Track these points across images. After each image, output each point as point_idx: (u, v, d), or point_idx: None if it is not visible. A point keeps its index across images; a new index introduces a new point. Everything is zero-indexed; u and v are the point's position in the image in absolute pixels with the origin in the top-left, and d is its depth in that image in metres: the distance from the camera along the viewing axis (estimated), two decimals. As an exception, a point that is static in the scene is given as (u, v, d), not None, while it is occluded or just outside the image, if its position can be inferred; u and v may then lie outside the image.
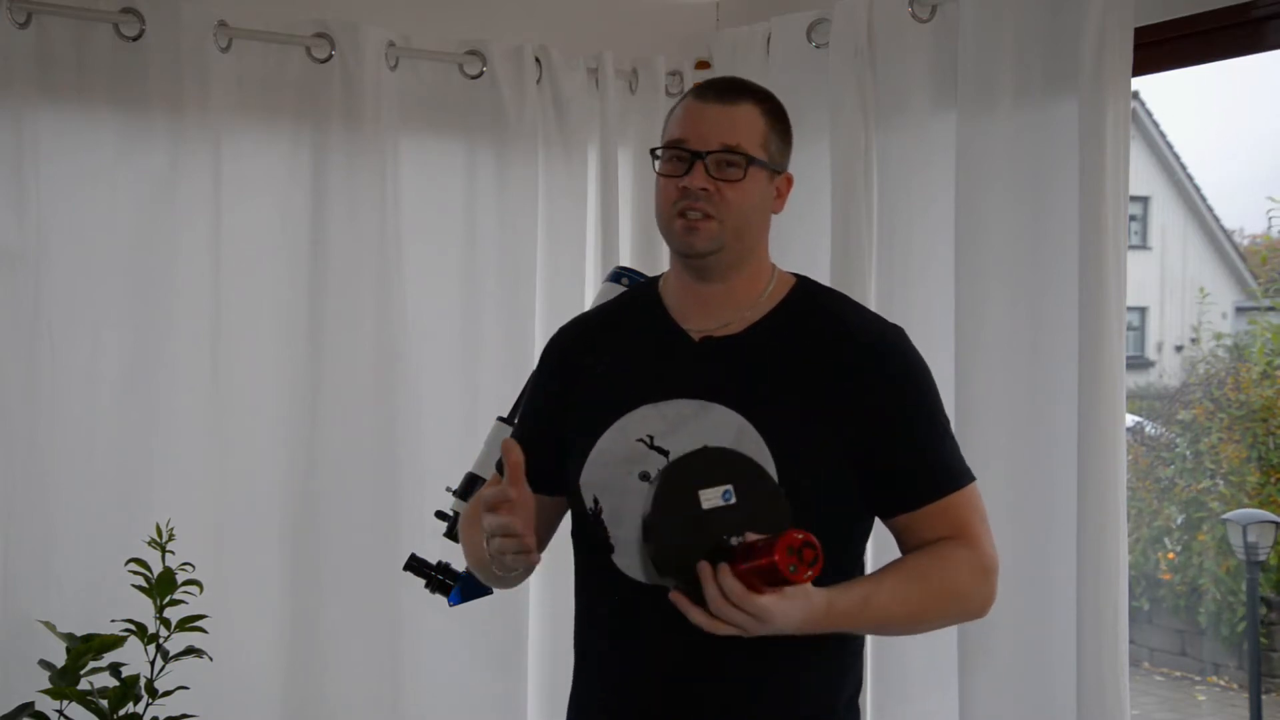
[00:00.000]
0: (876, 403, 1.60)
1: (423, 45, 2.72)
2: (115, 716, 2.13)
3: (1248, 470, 6.43)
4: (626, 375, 1.68)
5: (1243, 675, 6.19)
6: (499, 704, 2.76)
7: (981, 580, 1.62)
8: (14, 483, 2.31)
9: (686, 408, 1.60)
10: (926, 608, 1.60)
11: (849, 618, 1.53)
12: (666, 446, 1.59)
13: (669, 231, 1.64)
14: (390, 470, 2.65)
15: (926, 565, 1.59)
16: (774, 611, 1.40)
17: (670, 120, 1.67)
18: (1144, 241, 11.27)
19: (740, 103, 1.65)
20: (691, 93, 1.68)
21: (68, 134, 2.39)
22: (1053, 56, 2.30)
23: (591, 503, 1.64)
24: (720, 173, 1.60)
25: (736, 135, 1.61)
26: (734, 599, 1.39)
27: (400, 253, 2.67)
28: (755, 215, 1.65)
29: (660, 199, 1.65)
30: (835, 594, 1.49)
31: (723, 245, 1.62)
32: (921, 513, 1.61)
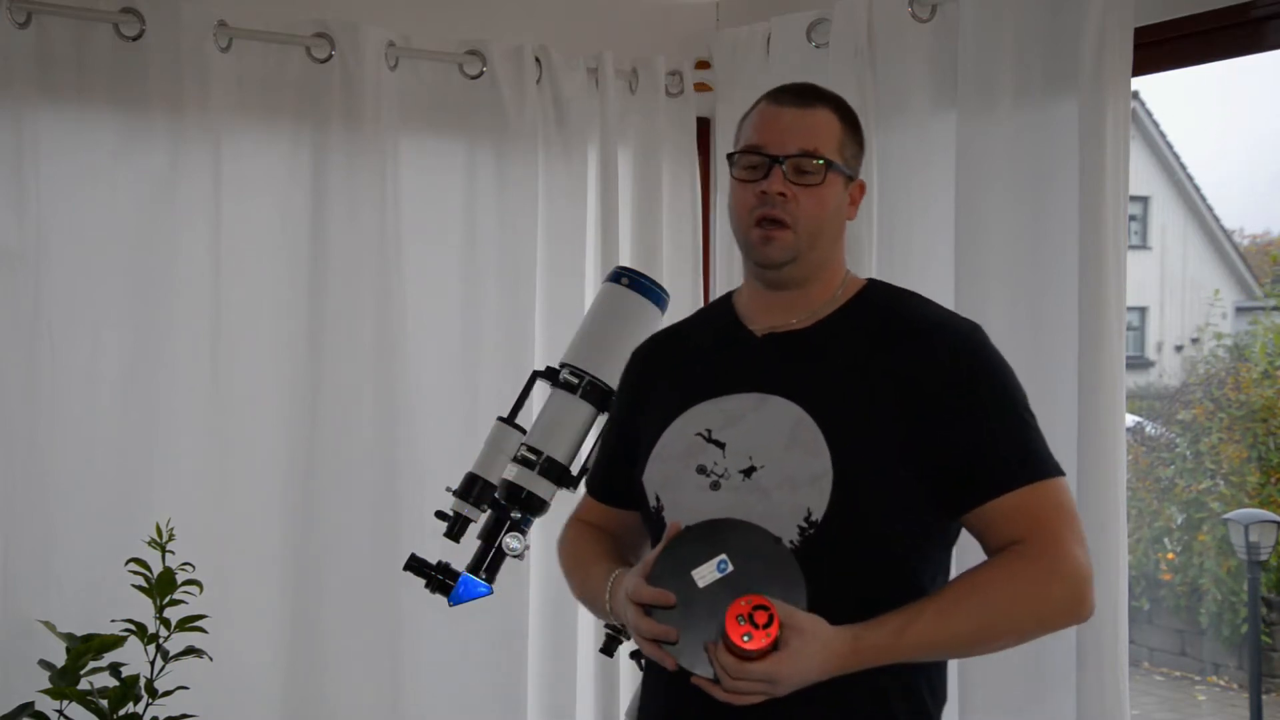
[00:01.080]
0: (941, 392, 1.54)
1: (423, 45, 2.72)
2: (115, 716, 2.13)
3: (1248, 470, 6.43)
4: (692, 373, 1.69)
5: (1243, 675, 6.19)
6: (499, 704, 2.76)
7: (1053, 585, 1.49)
8: (14, 483, 2.31)
9: (745, 401, 1.60)
10: (980, 626, 1.49)
11: (884, 651, 1.45)
12: (723, 439, 1.59)
13: (745, 241, 1.63)
14: (390, 470, 2.65)
15: (977, 580, 1.51)
16: (779, 672, 1.39)
17: (744, 126, 1.66)
18: (1144, 241, 11.27)
19: (817, 107, 1.63)
20: (766, 98, 1.67)
21: (68, 134, 2.39)
22: (1053, 56, 2.30)
23: (654, 500, 1.64)
24: (798, 178, 1.59)
25: (814, 139, 1.60)
26: (734, 674, 1.40)
27: (400, 253, 2.67)
28: (830, 222, 1.62)
29: (736, 205, 1.63)
30: (862, 629, 1.44)
31: (798, 255, 1.60)
32: (994, 508, 1.52)
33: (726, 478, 1.57)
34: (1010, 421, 1.56)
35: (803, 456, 1.53)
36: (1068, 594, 1.50)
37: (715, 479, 1.58)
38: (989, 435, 1.54)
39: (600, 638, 2.21)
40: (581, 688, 2.86)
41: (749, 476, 1.55)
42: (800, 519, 1.51)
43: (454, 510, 2.19)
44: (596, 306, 2.23)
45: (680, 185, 3.04)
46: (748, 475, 1.56)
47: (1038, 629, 1.55)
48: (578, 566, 1.80)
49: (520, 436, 2.19)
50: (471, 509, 2.18)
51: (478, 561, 2.17)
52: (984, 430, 1.54)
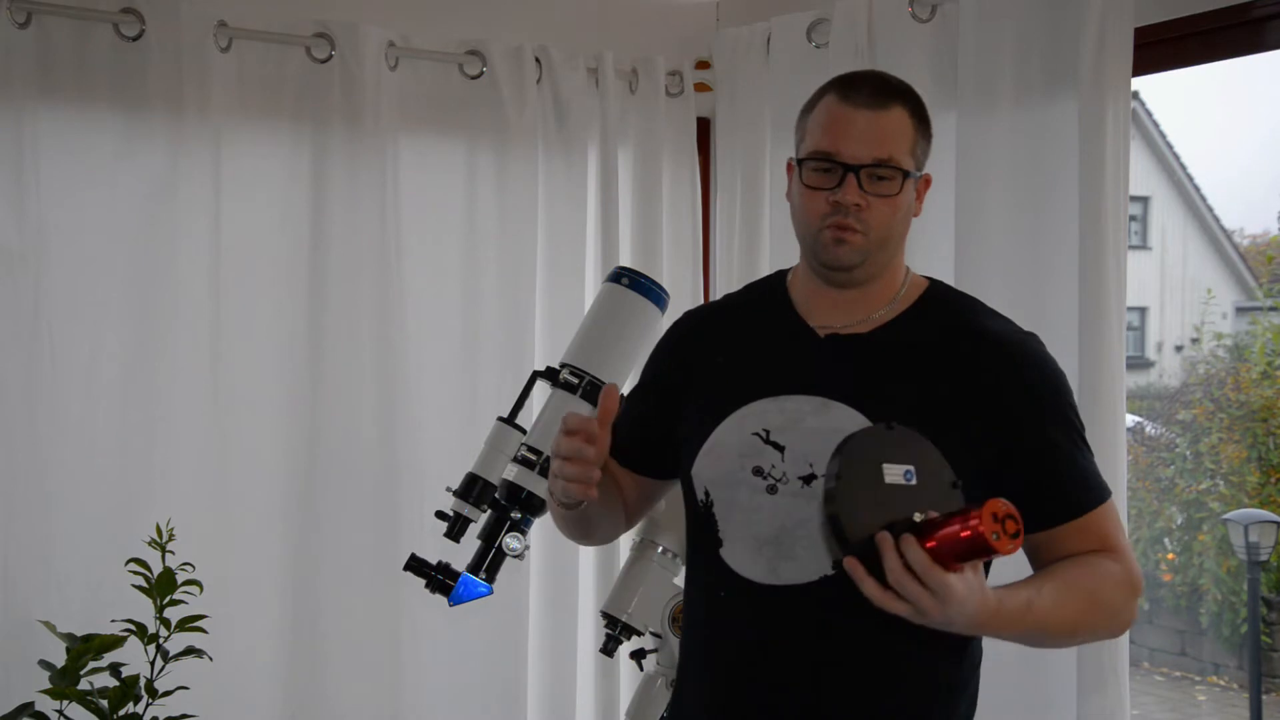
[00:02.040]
0: (1010, 411, 1.52)
1: (423, 45, 2.72)
2: (115, 716, 2.13)
3: (1248, 470, 6.43)
4: (747, 367, 1.63)
5: (1243, 675, 6.19)
6: (499, 704, 2.76)
7: (1130, 597, 1.52)
8: (14, 483, 2.31)
9: (806, 404, 1.55)
10: (1082, 620, 1.50)
11: (1012, 621, 1.41)
12: (783, 442, 1.54)
13: (815, 244, 1.57)
14: (390, 470, 2.65)
15: (1083, 575, 1.49)
16: (957, 590, 1.29)
17: (811, 125, 1.58)
18: (1144, 241, 11.27)
19: (891, 108, 1.55)
20: (835, 94, 1.58)
21: (68, 134, 2.39)
22: (1053, 56, 2.30)
23: (703, 494, 1.60)
24: (872, 186, 1.53)
25: (888, 146, 1.53)
26: (919, 570, 1.28)
27: (400, 253, 2.67)
28: (901, 224, 1.58)
29: (805, 211, 1.57)
30: (1003, 594, 1.40)
31: (868, 258, 1.56)
32: (1061, 530, 1.52)
33: (785, 482, 1.53)
34: (1078, 446, 1.56)
35: None
36: (1134, 609, 1.55)
37: (773, 483, 1.54)
38: (1059, 462, 1.53)
39: (600, 638, 2.21)
40: (581, 688, 2.86)
41: (808, 484, 1.52)
42: None
43: (454, 510, 2.19)
44: (596, 306, 2.23)
45: (680, 185, 3.04)
46: (807, 482, 1.52)
47: (1105, 634, 1.59)
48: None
49: (520, 436, 2.19)
50: (471, 509, 2.18)
51: (478, 561, 2.17)
52: (1054, 456, 1.53)
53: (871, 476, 1.37)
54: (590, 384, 2.12)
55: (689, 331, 1.75)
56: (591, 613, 2.76)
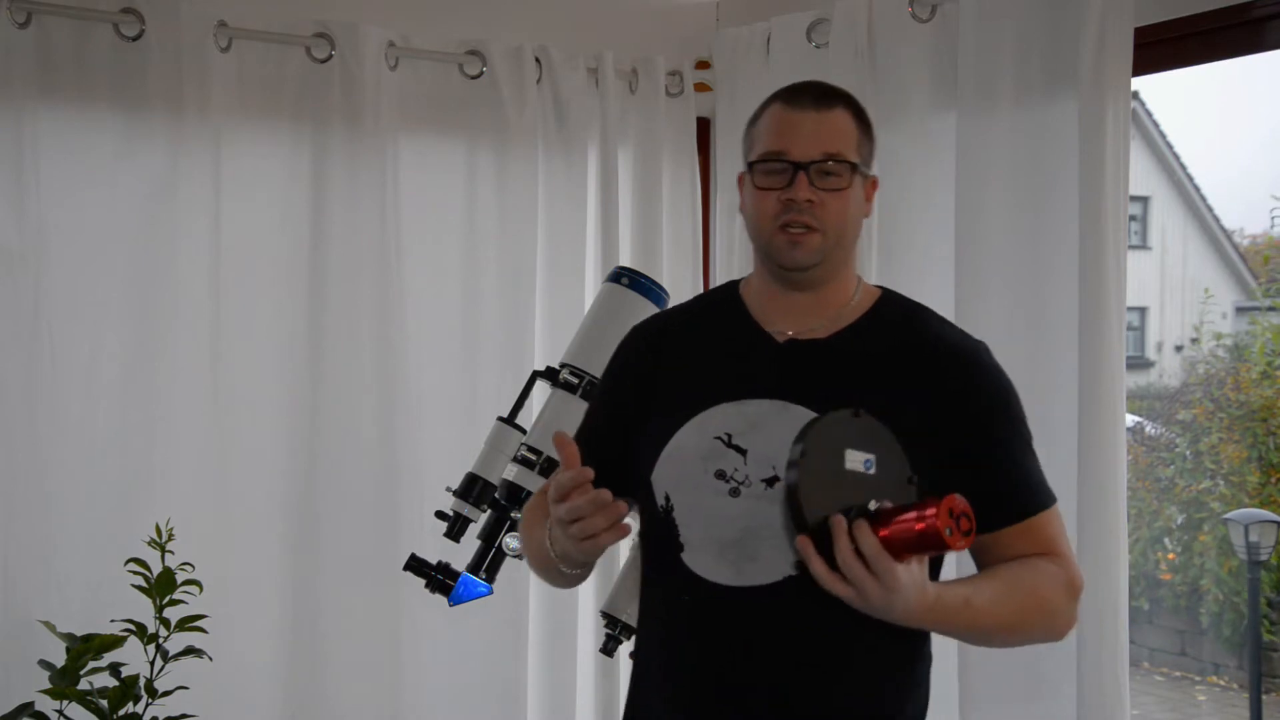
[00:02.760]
0: (964, 418, 1.56)
1: (423, 45, 2.72)
2: (115, 716, 2.13)
3: (1248, 470, 6.43)
4: (705, 373, 1.64)
5: (1243, 675, 6.19)
6: (499, 703, 2.76)
7: (1070, 599, 1.57)
8: (14, 483, 2.31)
9: (767, 407, 1.57)
10: (1020, 619, 1.54)
11: (949, 616, 1.45)
12: (745, 445, 1.56)
13: (770, 245, 1.60)
14: (390, 470, 2.65)
15: (1024, 576, 1.53)
16: (901, 579, 1.32)
17: (759, 132, 1.62)
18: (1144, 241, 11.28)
19: (834, 109, 1.60)
20: (779, 101, 1.63)
21: (68, 134, 2.39)
22: (1053, 56, 2.30)
23: (663, 499, 1.60)
24: (822, 181, 1.57)
25: (835, 142, 1.57)
26: (869, 556, 1.32)
27: (400, 253, 2.67)
28: (854, 223, 1.62)
29: (759, 213, 1.60)
30: (942, 589, 1.44)
31: (824, 256, 1.59)
32: (1007, 532, 1.56)
33: (748, 485, 1.55)
34: (1026, 451, 1.61)
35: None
36: (1074, 612, 1.58)
37: (735, 485, 1.55)
38: (1008, 468, 1.58)
39: (600, 638, 2.21)
40: (581, 688, 2.86)
41: (771, 486, 1.54)
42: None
43: (454, 510, 2.19)
44: (597, 306, 2.23)
45: (680, 185, 3.04)
46: (770, 485, 1.54)
47: (1043, 637, 1.60)
48: (526, 530, 1.77)
49: (520, 436, 2.19)
50: (472, 509, 2.18)
51: (478, 561, 2.17)
52: (1003, 463, 1.58)
53: (833, 460, 1.40)
54: (590, 384, 2.12)
55: (643, 346, 1.76)
56: (591, 613, 2.76)
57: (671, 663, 1.63)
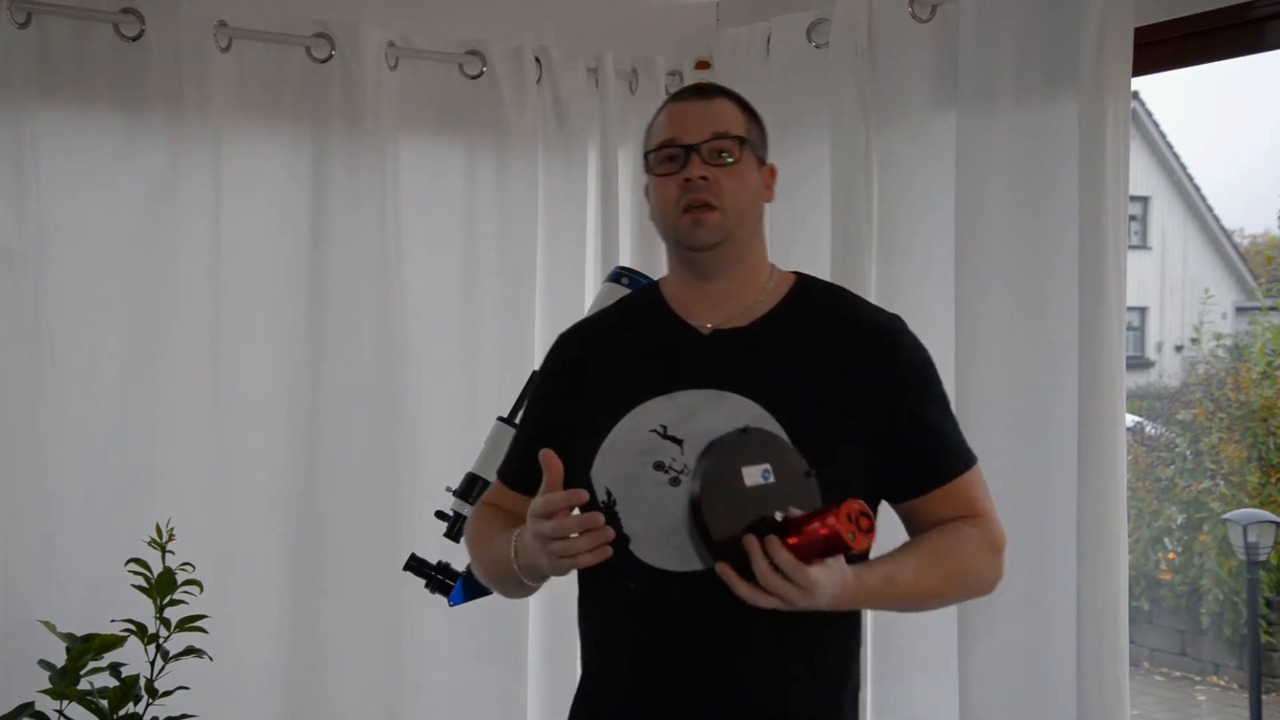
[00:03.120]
0: (887, 389, 1.63)
1: (423, 45, 2.72)
2: (115, 716, 2.13)
3: (1248, 470, 6.44)
4: (636, 369, 1.69)
5: (1243, 675, 6.20)
6: (499, 703, 2.76)
7: (993, 557, 1.66)
8: (14, 483, 2.31)
9: (700, 397, 1.62)
10: (945, 586, 1.63)
11: (874, 593, 1.55)
12: (680, 435, 1.61)
13: (675, 229, 1.67)
14: (390, 470, 2.65)
15: (943, 544, 1.62)
16: (820, 581, 1.43)
17: (654, 128, 1.73)
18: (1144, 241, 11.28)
19: (717, 98, 1.71)
20: (667, 101, 1.74)
21: (68, 134, 2.39)
22: (1053, 56, 2.30)
23: (604, 495, 1.64)
24: (715, 159, 1.65)
25: (721, 123, 1.67)
26: (786, 570, 1.41)
27: (400, 252, 2.67)
28: (752, 202, 1.69)
29: (660, 198, 1.68)
30: (861, 571, 1.52)
31: (727, 234, 1.65)
32: (931, 497, 1.65)
33: (686, 474, 1.59)
34: (944, 416, 1.69)
35: None
36: (1000, 565, 1.68)
37: (675, 475, 1.60)
38: (931, 431, 1.67)
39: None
40: (581, 688, 2.86)
41: None
42: None
43: (454, 510, 2.19)
44: (596, 306, 2.23)
45: (680, 185, 3.03)
46: None
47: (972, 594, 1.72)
48: (478, 543, 1.80)
49: (520, 436, 2.18)
50: (471, 509, 2.17)
51: (478, 561, 2.17)
52: (926, 427, 1.66)
53: (733, 481, 1.48)
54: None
55: (572, 351, 1.81)
56: (591, 613, 2.75)
57: (623, 649, 1.67)
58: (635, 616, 1.64)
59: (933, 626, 2.45)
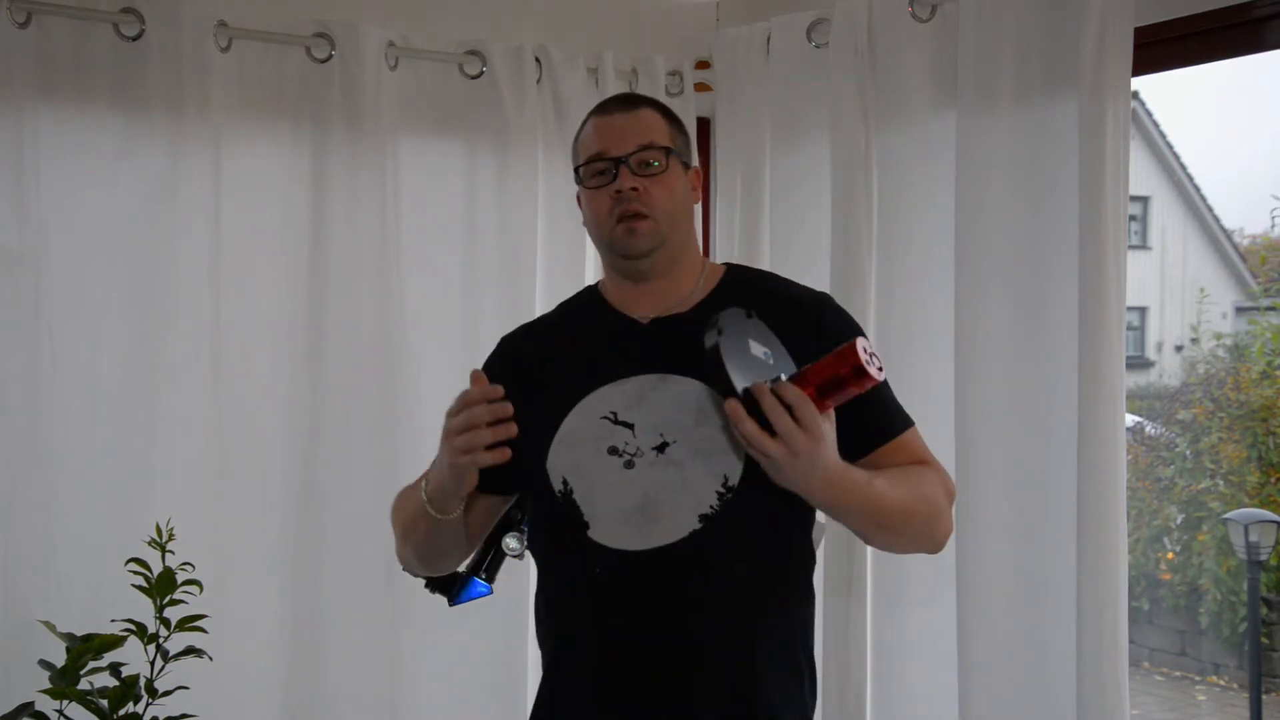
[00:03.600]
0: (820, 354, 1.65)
1: (423, 45, 2.72)
2: (115, 716, 2.13)
3: (1248, 470, 6.44)
4: (582, 362, 1.75)
5: (1243, 675, 6.20)
6: (499, 703, 2.76)
7: (948, 500, 1.73)
8: (14, 483, 2.31)
9: (645, 382, 1.68)
10: (911, 505, 1.67)
11: (856, 488, 1.59)
12: (631, 419, 1.66)
13: (610, 239, 1.73)
14: (390, 470, 2.64)
15: (909, 473, 1.69)
16: (825, 430, 1.49)
17: (580, 142, 1.78)
18: (1144, 241, 11.29)
19: (639, 108, 1.77)
20: (593, 115, 1.79)
21: (68, 134, 2.39)
22: (1053, 56, 2.30)
23: (560, 484, 1.68)
24: (643, 170, 1.71)
25: (646, 134, 1.73)
26: (795, 403, 1.47)
27: (400, 253, 2.67)
28: (681, 206, 1.76)
29: (594, 210, 1.74)
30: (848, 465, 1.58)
31: (661, 240, 1.72)
32: (877, 456, 1.70)
33: (640, 455, 1.65)
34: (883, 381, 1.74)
35: (714, 430, 1.63)
36: (950, 517, 1.74)
37: (629, 458, 1.65)
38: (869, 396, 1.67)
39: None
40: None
41: (662, 452, 1.65)
42: (718, 485, 1.63)
43: (454, 510, 2.19)
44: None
45: (680, 185, 3.03)
46: (661, 451, 1.65)
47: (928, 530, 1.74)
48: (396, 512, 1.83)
49: (520, 436, 2.18)
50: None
51: (478, 561, 2.17)
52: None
53: (744, 345, 1.56)
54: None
55: (514, 351, 1.86)
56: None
57: (591, 632, 1.69)
58: (597, 600, 1.68)
59: (933, 626, 2.46)
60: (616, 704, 1.66)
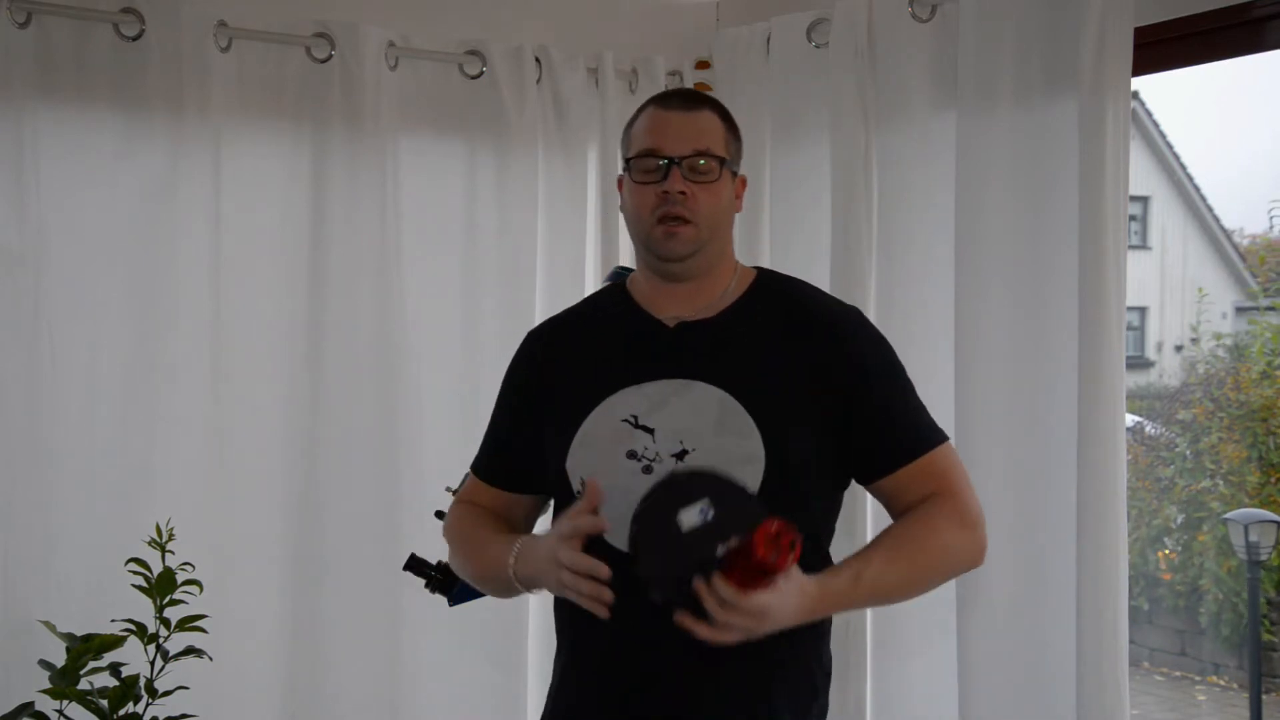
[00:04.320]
0: (847, 376, 1.68)
1: (423, 45, 2.72)
2: (115, 716, 2.13)
3: (1248, 470, 6.44)
4: (605, 362, 1.73)
5: (1243, 675, 6.20)
6: (499, 703, 2.76)
7: (968, 533, 1.69)
8: (14, 483, 2.31)
9: (668, 387, 1.66)
10: (916, 573, 1.67)
11: (844, 597, 1.61)
12: (652, 424, 1.65)
13: (649, 238, 1.70)
14: (390, 470, 2.65)
15: (911, 530, 1.66)
16: (772, 606, 1.47)
17: (634, 132, 1.74)
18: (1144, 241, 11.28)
19: (702, 110, 1.73)
20: (653, 105, 1.75)
21: (68, 134, 2.39)
22: (1053, 56, 2.30)
23: (578, 485, 1.68)
24: (694, 176, 1.68)
25: (704, 139, 1.70)
26: (732, 604, 1.46)
27: (400, 253, 2.67)
28: (725, 215, 1.74)
29: (637, 207, 1.71)
30: (825, 578, 1.58)
31: (700, 246, 1.69)
32: (901, 475, 1.68)
33: (659, 461, 1.63)
34: (908, 397, 1.74)
35: (734, 439, 1.62)
36: (977, 539, 1.70)
37: (647, 463, 1.64)
38: (894, 411, 1.71)
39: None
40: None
41: (681, 459, 1.63)
42: None
43: (454, 510, 2.19)
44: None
45: (680, 185, 3.03)
46: (680, 458, 1.63)
47: (954, 573, 1.79)
48: (468, 541, 1.83)
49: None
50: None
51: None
52: (889, 407, 1.71)
53: (670, 531, 1.50)
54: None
55: (542, 346, 1.85)
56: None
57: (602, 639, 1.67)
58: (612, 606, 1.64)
59: (932, 625, 2.45)
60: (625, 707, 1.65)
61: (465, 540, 1.85)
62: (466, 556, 1.84)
